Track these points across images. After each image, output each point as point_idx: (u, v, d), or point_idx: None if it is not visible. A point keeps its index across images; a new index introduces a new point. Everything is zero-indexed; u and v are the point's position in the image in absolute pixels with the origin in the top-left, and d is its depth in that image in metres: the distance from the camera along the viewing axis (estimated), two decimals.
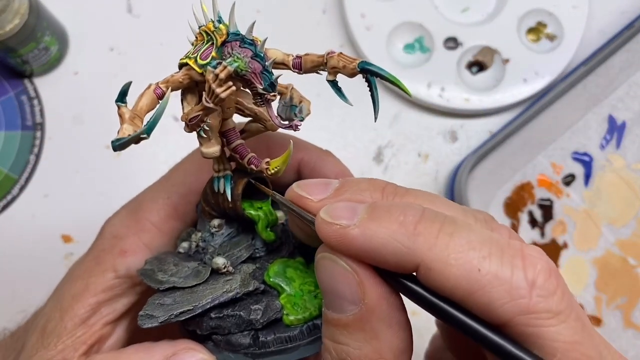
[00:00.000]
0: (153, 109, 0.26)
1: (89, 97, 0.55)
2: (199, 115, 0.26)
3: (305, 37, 0.57)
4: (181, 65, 0.27)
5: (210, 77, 0.25)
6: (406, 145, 0.56)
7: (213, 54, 0.25)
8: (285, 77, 0.26)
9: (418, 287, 0.23)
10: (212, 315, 0.28)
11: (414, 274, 0.23)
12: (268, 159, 0.28)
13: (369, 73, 0.26)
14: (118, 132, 0.25)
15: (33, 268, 0.50)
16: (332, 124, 0.56)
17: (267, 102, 0.26)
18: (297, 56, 0.27)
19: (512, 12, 0.56)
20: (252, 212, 0.30)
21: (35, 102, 0.54)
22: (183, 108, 0.27)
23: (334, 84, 0.28)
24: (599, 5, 0.58)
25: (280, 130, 0.29)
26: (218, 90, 0.24)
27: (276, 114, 0.27)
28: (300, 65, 0.27)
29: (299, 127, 0.27)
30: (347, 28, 0.57)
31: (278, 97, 0.27)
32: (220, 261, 0.29)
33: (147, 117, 0.25)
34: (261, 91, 0.25)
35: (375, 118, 0.27)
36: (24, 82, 0.55)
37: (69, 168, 0.54)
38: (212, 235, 0.31)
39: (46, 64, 0.53)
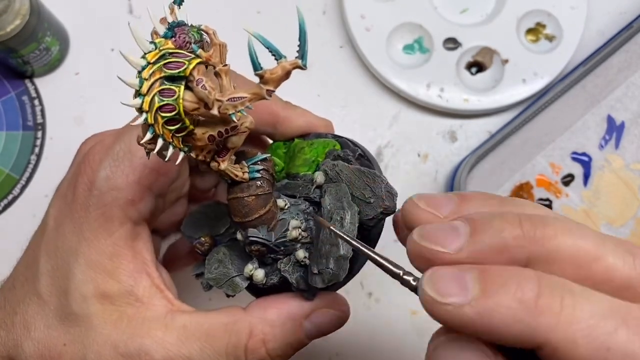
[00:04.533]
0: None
1: (90, 98, 0.55)
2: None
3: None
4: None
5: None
6: (405, 145, 0.56)
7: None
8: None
9: None
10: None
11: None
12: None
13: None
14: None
15: None
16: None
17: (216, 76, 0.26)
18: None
19: (511, 13, 0.57)
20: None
21: (36, 102, 0.54)
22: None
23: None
24: (598, 5, 0.59)
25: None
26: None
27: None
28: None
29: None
30: (346, 29, 0.57)
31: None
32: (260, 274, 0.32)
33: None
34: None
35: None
36: (25, 83, 0.55)
37: None
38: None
39: (47, 64, 0.54)
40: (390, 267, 0.25)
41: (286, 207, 0.32)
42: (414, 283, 0.24)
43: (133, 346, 0.31)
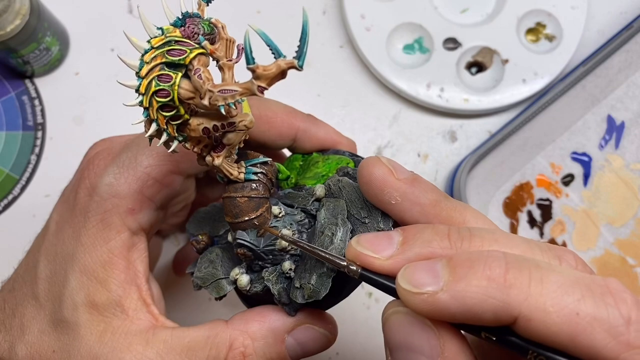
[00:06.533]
0: None
1: (90, 98, 0.55)
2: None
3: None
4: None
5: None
6: (405, 145, 0.56)
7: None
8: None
9: (516, 338, 0.23)
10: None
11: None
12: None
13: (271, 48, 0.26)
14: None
15: None
16: (332, 125, 0.56)
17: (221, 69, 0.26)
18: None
19: (511, 13, 0.57)
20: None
21: (36, 102, 0.54)
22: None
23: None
24: (598, 5, 0.59)
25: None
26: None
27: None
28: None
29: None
30: (347, 29, 0.57)
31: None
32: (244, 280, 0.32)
33: None
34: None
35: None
36: (25, 83, 0.55)
37: (69, 168, 0.54)
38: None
39: (47, 64, 0.54)
40: (336, 260, 0.27)
41: (280, 215, 0.31)
42: (358, 270, 0.26)
43: None
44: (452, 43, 0.57)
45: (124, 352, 0.30)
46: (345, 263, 0.27)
